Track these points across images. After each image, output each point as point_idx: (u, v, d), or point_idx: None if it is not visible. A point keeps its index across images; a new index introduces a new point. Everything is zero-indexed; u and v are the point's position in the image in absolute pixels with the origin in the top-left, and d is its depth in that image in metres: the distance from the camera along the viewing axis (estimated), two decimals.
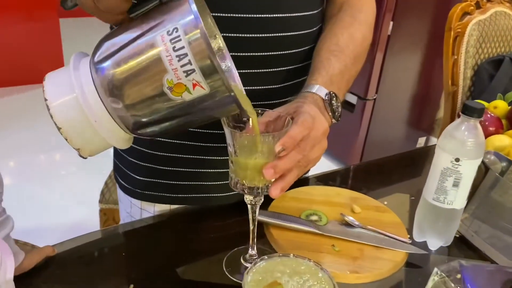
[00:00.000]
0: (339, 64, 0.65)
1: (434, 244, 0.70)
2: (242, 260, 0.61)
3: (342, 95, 0.65)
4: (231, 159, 0.53)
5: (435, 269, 0.58)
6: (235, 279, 0.59)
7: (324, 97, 0.60)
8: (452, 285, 0.57)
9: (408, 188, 0.90)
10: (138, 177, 0.76)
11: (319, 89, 0.61)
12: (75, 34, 4.19)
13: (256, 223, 0.58)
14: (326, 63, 0.64)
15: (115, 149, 0.81)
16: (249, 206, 0.56)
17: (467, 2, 1.45)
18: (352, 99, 2.22)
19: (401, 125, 2.45)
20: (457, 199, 0.66)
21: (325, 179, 0.88)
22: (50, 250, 0.64)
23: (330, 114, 0.60)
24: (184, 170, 0.74)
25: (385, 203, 0.80)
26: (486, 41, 1.50)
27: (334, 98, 0.61)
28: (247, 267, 0.53)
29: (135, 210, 0.80)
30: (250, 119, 0.51)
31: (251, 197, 0.55)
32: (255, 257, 0.59)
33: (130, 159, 0.75)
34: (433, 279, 0.58)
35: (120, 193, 0.82)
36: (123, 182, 0.79)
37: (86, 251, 0.67)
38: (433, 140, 2.55)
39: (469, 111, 0.62)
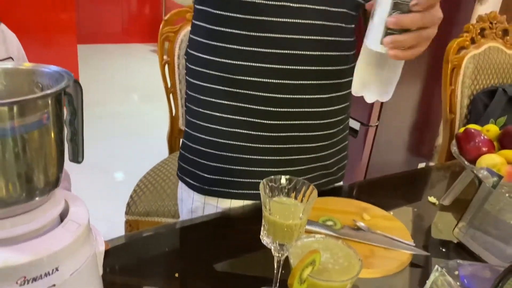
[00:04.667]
0: None
1: (371, 97, 0.71)
2: None
3: None
4: (265, 220, 0.58)
5: (436, 266, 0.68)
6: None
7: None
8: (451, 279, 0.67)
9: (410, 202, 1.00)
10: (203, 175, 0.87)
11: None
12: (91, 59, 4.38)
13: (280, 270, 0.62)
14: None
15: (181, 152, 0.93)
16: (275, 258, 0.61)
17: (463, 38, 1.59)
18: (355, 125, 2.33)
19: (402, 151, 2.56)
20: None
21: (338, 191, 0.99)
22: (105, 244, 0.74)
23: None
24: (244, 169, 0.85)
25: (391, 213, 0.90)
26: (481, 73, 1.63)
27: None
28: None
29: (198, 205, 0.90)
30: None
31: (279, 253, 0.60)
32: None
33: (197, 159, 0.88)
34: (434, 274, 0.68)
35: (183, 193, 0.94)
36: (188, 180, 0.91)
37: (135, 245, 0.77)
38: None
39: None
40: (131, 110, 3.50)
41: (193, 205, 0.92)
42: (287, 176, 0.60)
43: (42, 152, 0.40)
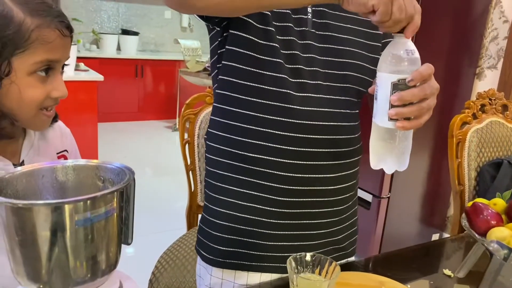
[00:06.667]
0: None
1: (389, 169, 0.75)
2: None
3: None
4: None
5: None
6: None
7: None
8: None
9: (426, 275, 1.04)
10: (219, 247, 0.92)
11: None
12: (109, 135, 4.58)
13: None
14: None
15: (199, 226, 0.98)
16: None
17: (465, 114, 1.69)
18: (368, 197, 2.39)
19: (415, 221, 2.58)
20: None
21: (356, 266, 1.03)
22: None
23: None
24: (259, 242, 0.90)
25: (408, 286, 0.93)
26: (486, 146, 1.70)
27: None
28: None
29: (215, 282, 0.94)
30: None
31: None
32: None
33: (214, 232, 0.93)
34: None
35: (201, 268, 0.98)
36: (204, 253, 0.95)
37: None
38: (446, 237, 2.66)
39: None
40: (146, 183, 3.60)
41: (211, 281, 0.95)
42: (312, 253, 0.66)
43: (107, 237, 0.47)
